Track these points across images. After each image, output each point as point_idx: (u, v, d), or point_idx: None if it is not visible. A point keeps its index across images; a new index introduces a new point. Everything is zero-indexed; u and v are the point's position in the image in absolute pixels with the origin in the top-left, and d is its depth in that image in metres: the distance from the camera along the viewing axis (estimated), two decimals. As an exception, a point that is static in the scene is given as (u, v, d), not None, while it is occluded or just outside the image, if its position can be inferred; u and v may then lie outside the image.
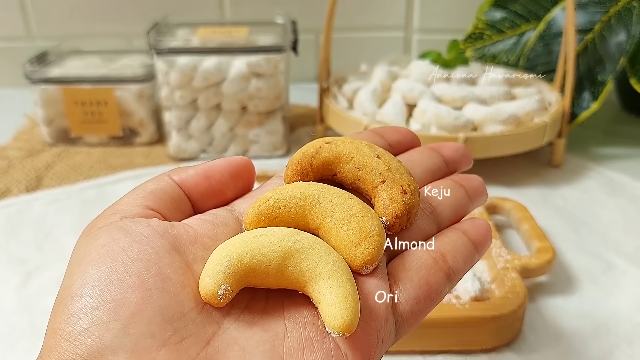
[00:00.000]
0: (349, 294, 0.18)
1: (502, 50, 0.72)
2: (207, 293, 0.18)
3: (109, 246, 0.18)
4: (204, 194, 0.22)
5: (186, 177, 0.22)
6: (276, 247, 0.19)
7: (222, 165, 0.23)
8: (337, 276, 0.19)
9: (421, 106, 0.58)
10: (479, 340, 0.36)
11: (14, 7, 0.84)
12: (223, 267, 0.18)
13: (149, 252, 0.18)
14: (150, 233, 0.19)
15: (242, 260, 0.19)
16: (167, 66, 0.59)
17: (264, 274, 0.19)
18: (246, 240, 0.19)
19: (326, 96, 0.65)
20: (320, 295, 0.19)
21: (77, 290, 0.18)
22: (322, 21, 0.63)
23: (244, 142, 0.64)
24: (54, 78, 0.64)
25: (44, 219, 0.52)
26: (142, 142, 0.68)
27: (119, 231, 0.19)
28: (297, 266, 0.19)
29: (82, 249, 0.19)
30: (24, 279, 0.44)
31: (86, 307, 0.17)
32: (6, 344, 0.38)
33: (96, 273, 0.18)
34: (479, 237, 0.24)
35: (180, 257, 0.19)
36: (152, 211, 0.21)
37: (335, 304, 0.18)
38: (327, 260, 0.19)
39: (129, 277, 0.17)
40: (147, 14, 0.85)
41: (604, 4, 0.65)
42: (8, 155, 0.65)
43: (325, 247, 0.20)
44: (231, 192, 0.23)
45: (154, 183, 0.22)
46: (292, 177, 0.22)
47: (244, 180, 0.24)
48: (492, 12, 0.72)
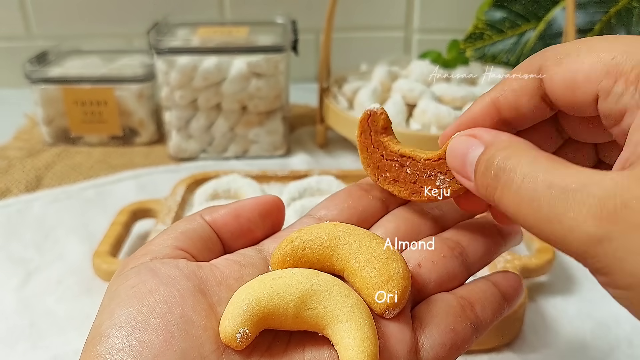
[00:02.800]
0: (367, 337, 0.18)
1: (502, 50, 0.72)
2: (226, 336, 0.18)
3: (137, 288, 0.19)
4: (234, 233, 0.23)
5: (217, 217, 0.23)
6: (294, 290, 0.19)
7: (251, 205, 0.23)
8: (355, 319, 0.19)
9: (421, 106, 0.58)
10: (479, 339, 0.36)
11: (13, 7, 0.85)
12: (242, 310, 0.19)
13: (174, 295, 0.19)
14: (177, 275, 0.20)
15: (261, 303, 0.19)
16: (167, 66, 0.59)
17: (282, 316, 0.19)
18: (265, 282, 0.19)
19: (326, 96, 0.65)
20: (339, 339, 0.19)
21: (105, 330, 0.18)
22: (322, 21, 0.63)
23: (244, 141, 0.64)
24: (54, 78, 0.64)
25: (43, 219, 0.52)
26: (142, 141, 0.68)
27: (148, 273, 0.20)
28: (316, 308, 0.19)
29: (113, 289, 0.20)
30: (23, 279, 0.44)
31: (113, 347, 0.18)
32: (6, 344, 0.38)
33: (123, 314, 0.18)
34: (510, 290, 0.24)
35: (205, 299, 0.19)
36: (182, 251, 0.21)
37: (353, 348, 0.18)
38: (346, 302, 0.19)
39: (153, 320, 0.18)
40: (147, 13, 0.85)
41: (604, 4, 0.65)
42: (8, 155, 0.65)
43: (345, 288, 0.20)
44: (260, 231, 0.24)
45: (185, 223, 0.23)
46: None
47: (274, 219, 0.24)
48: (492, 12, 0.73)
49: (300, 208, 0.44)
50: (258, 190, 0.48)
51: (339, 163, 0.63)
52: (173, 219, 0.45)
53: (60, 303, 0.41)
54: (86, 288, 0.43)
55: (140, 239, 0.49)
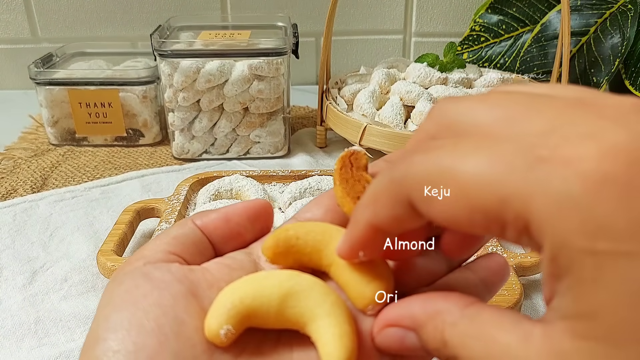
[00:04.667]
0: (345, 333, 0.19)
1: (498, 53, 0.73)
2: (210, 333, 0.19)
3: (131, 292, 0.20)
4: (224, 236, 0.24)
5: (207, 222, 0.24)
6: (277, 289, 0.20)
7: (241, 209, 0.24)
8: (334, 315, 0.19)
9: (419, 108, 0.59)
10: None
11: (19, 11, 0.86)
12: (226, 308, 0.19)
13: (167, 298, 0.20)
14: (170, 279, 0.21)
15: (244, 301, 0.19)
16: (170, 68, 0.60)
17: (265, 314, 0.20)
18: (248, 282, 0.20)
19: (326, 98, 0.66)
20: (318, 335, 0.19)
21: (101, 333, 0.19)
22: (323, 25, 0.64)
23: (246, 142, 0.65)
24: (59, 80, 0.65)
25: (49, 219, 0.53)
26: (146, 142, 0.69)
27: (142, 277, 0.21)
28: (297, 307, 0.20)
29: (108, 294, 0.21)
30: (29, 277, 0.45)
31: (109, 350, 0.18)
32: (12, 340, 0.39)
33: (118, 318, 0.19)
34: (491, 276, 0.23)
35: (197, 302, 0.20)
36: (175, 255, 0.22)
37: (332, 343, 0.19)
38: (326, 300, 0.20)
39: (148, 322, 0.19)
40: (151, 17, 0.87)
41: (599, 7, 0.66)
42: (14, 155, 0.66)
43: (325, 287, 0.20)
44: (250, 234, 0.24)
45: (177, 228, 0.23)
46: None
47: (262, 223, 0.24)
48: (489, 15, 0.73)
49: (300, 207, 0.45)
50: (260, 189, 0.49)
51: (339, 164, 0.64)
52: (176, 218, 0.46)
53: (65, 301, 0.42)
54: (91, 286, 0.44)
55: (144, 237, 0.50)
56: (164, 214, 0.47)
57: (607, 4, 0.65)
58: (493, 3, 0.73)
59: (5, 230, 0.51)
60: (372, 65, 0.74)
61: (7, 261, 0.47)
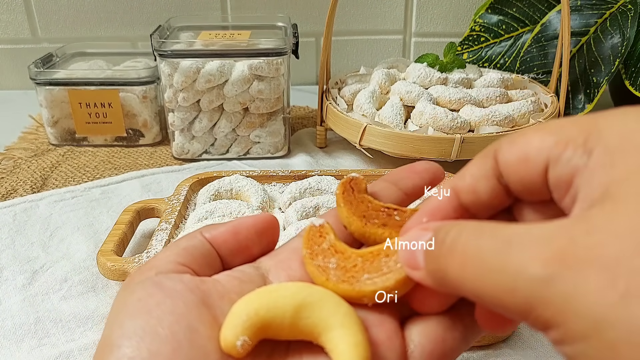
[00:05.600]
0: (360, 342, 0.19)
1: (498, 53, 0.73)
2: (227, 344, 0.19)
3: (145, 300, 0.20)
4: (232, 250, 0.24)
5: (216, 234, 0.24)
6: (290, 301, 0.20)
7: (249, 223, 0.24)
8: (348, 325, 0.20)
9: (419, 108, 0.59)
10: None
11: (19, 11, 0.86)
12: (242, 320, 0.20)
13: (180, 307, 0.20)
14: (182, 288, 0.21)
15: (259, 313, 0.20)
16: (170, 68, 0.60)
17: (279, 325, 0.20)
18: (262, 294, 0.21)
19: (326, 98, 0.66)
20: (333, 345, 0.20)
21: (115, 340, 0.19)
22: (323, 25, 0.64)
23: (246, 142, 0.65)
24: (59, 80, 0.65)
25: (49, 219, 0.53)
26: (146, 142, 0.69)
27: (154, 286, 0.21)
28: (310, 318, 0.20)
29: (121, 302, 0.21)
30: (29, 277, 0.45)
31: (124, 356, 0.19)
32: (12, 340, 0.39)
33: (132, 325, 0.19)
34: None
35: (209, 311, 0.20)
36: (185, 267, 0.22)
37: (347, 353, 0.19)
38: (339, 310, 0.20)
39: (162, 330, 0.19)
40: (151, 17, 0.87)
41: (599, 7, 0.66)
42: (14, 155, 0.66)
43: (337, 298, 0.21)
44: (257, 248, 0.25)
45: (186, 240, 0.24)
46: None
47: (269, 237, 0.25)
48: (489, 15, 0.73)
49: (300, 207, 0.45)
50: (260, 190, 0.49)
51: (339, 163, 0.64)
52: (176, 218, 0.46)
53: (65, 301, 0.42)
54: (91, 286, 0.44)
55: (144, 237, 0.50)
56: (164, 214, 0.47)
57: (607, 4, 0.65)
58: (493, 3, 0.73)
59: (5, 231, 0.51)
60: (372, 65, 0.74)
61: (7, 261, 0.47)
